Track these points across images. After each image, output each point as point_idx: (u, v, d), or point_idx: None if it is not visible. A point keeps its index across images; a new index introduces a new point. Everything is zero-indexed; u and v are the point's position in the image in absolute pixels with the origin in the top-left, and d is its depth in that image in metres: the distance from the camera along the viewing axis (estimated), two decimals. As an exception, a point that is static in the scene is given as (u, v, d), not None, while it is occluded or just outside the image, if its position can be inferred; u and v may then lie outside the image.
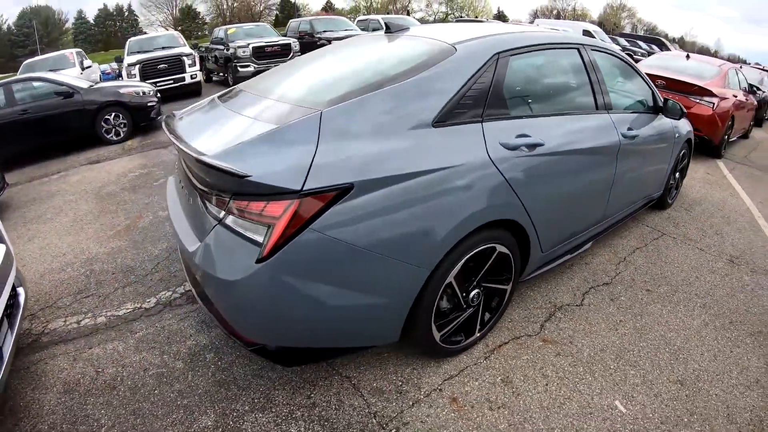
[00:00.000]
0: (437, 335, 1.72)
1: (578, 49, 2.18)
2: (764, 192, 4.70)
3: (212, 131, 1.61)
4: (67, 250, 2.94)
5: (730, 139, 6.13)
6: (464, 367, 1.88)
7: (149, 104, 6.16)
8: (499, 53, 1.74)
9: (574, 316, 2.29)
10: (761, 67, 12.62)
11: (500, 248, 1.76)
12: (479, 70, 1.64)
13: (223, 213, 1.36)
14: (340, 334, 1.51)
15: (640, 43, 16.92)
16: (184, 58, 8.64)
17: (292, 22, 12.45)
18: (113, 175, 4.52)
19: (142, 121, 6.17)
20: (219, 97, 2.06)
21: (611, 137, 2.27)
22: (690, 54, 6.37)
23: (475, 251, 1.65)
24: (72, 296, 2.40)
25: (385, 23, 2.18)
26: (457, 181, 1.49)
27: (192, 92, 9.15)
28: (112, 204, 3.72)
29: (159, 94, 6.54)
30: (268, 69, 10.15)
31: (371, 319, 1.51)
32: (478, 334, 1.97)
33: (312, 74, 2.06)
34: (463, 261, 1.61)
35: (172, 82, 8.52)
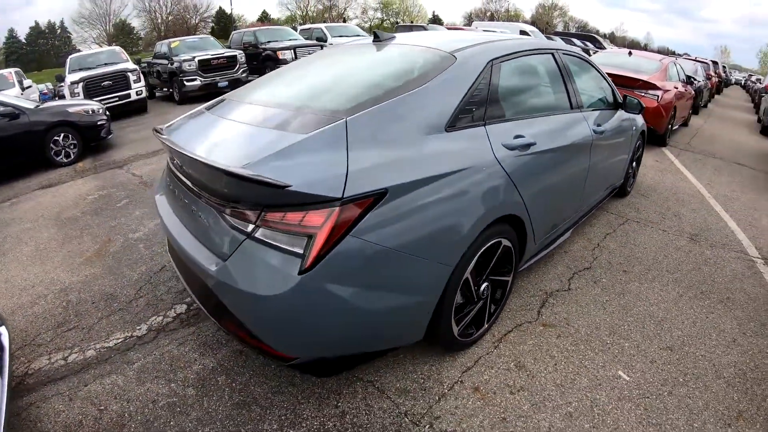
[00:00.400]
0: (455, 329, 1.82)
1: (552, 54, 2.41)
2: (709, 174, 5.29)
3: (223, 142, 1.61)
4: (35, 281, 2.74)
5: (673, 128, 6.84)
6: (478, 357, 1.99)
7: (99, 123, 5.87)
8: (492, 60, 1.90)
9: (565, 300, 2.49)
10: (693, 58, 14.05)
11: (504, 242, 1.91)
12: (479, 76, 1.78)
13: (251, 227, 1.35)
14: (374, 337, 1.55)
15: (575, 40, 17.23)
16: (129, 73, 8.39)
17: (235, 34, 12.38)
18: (70, 199, 4.25)
19: (92, 140, 5.87)
20: (209, 108, 2.05)
21: (585, 133, 2.52)
22: (632, 51, 7.07)
23: (486, 246, 1.77)
24: (52, 331, 2.25)
25: (374, 32, 2.27)
26: (472, 181, 1.62)
27: (138, 109, 8.82)
28: (75, 229, 3.51)
29: (108, 112, 6.26)
30: (214, 82, 9.95)
31: (402, 320, 1.58)
32: (486, 326, 2.09)
33: (315, 81, 2.09)
34: (477, 256, 1.73)
35: (117, 99, 8.20)
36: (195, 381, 1.88)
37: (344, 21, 40.75)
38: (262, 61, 10.43)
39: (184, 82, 9.06)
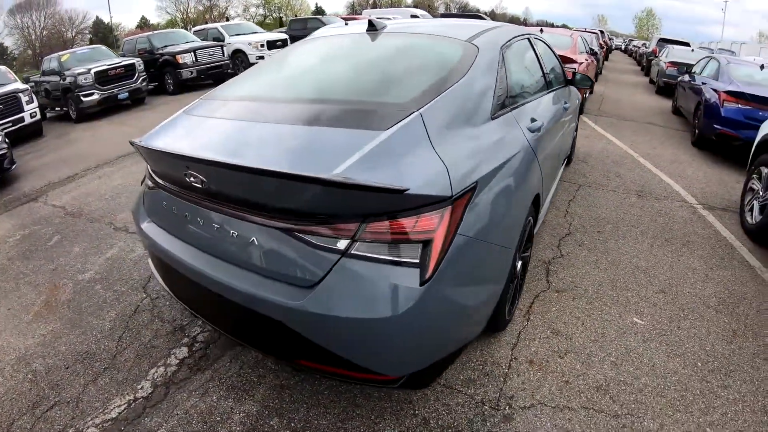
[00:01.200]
0: (506, 309, 2.00)
1: (528, 39, 2.69)
2: (630, 135, 6.23)
3: (264, 148, 1.46)
4: (-27, 358, 2.29)
5: (585, 97, 7.87)
6: (518, 333, 2.19)
7: (0, 154, 5.01)
8: (502, 47, 2.06)
9: (564, 265, 2.82)
10: (583, 29, 16.06)
11: (530, 220, 2.13)
12: (499, 63, 1.93)
13: (345, 243, 1.24)
14: (466, 335, 1.58)
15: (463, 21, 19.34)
16: (20, 94, 7.43)
17: (127, 42, 12.02)
18: (-16, 247, 3.56)
19: (-6, 174, 5.03)
20: (202, 113, 1.89)
21: (560, 109, 2.88)
22: (543, 28, 7.95)
23: (526, 226, 1.95)
24: (29, 414, 1.91)
25: (369, 21, 2.26)
26: (520, 165, 1.77)
27: (33, 133, 7.78)
28: (6, 281, 2.96)
29: (8, 140, 5.36)
30: (113, 95, 9.04)
31: (486, 312, 1.66)
32: (517, 302, 2.31)
33: (338, 73, 2.00)
34: (521, 236, 1.89)
35: (10, 124, 7.18)
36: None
37: (227, 20, 40.04)
38: (160, 67, 10.19)
39: (81, 98, 8.56)
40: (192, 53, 10.14)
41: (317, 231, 1.26)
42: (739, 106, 4.65)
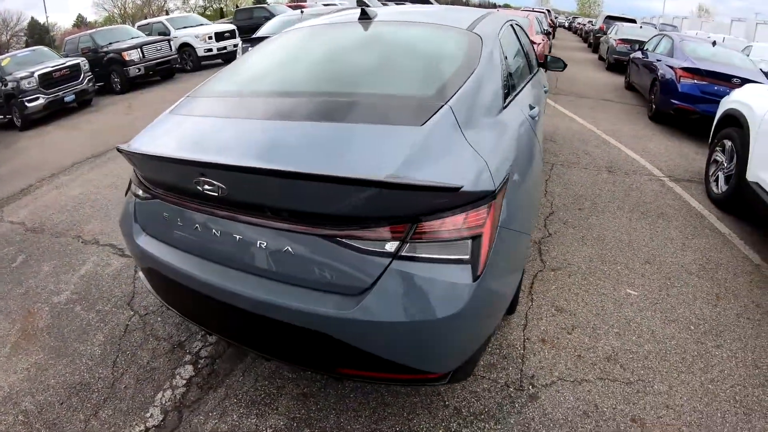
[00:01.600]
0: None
1: (511, 24, 2.72)
2: (590, 113, 6.51)
3: (296, 150, 1.36)
4: (-51, 404, 2.08)
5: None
6: (525, 314, 2.27)
7: None
8: (498, 35, 2.07)
9: (553, 244, 2.94)
10: (530, 9, 16.48)
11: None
12: (501, 52, 1.94)
13: (394, 245, 1.20)
14: (496, 323, 1.59)
15: (407, 4, 19.33)
16: None
17: (69, 41, 11.39)
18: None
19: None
20: (178, 112, 1.77)
21: (541, 92, 2.95)
22: (499, 8, 8.09)
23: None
24: None
25: (362, 9, 2.19)
26: (532, 151, 1.81)
27: None
28: None
29: None
30: (59, 98, 8.46)
31: (511, 297, 1.69)
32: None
33: (343, 64, 1.92)
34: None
35: None
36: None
37: (167, 13, 38.59)
38: (106, 66, 9.73)
39: (25, 103, 7.98)
40: (139, 49, 9.71)
41: (364, 235, 1.21)
42: (695, 81, 4.98)
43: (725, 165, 3.44)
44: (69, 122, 7.89)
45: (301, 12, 7.76)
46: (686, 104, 5.07)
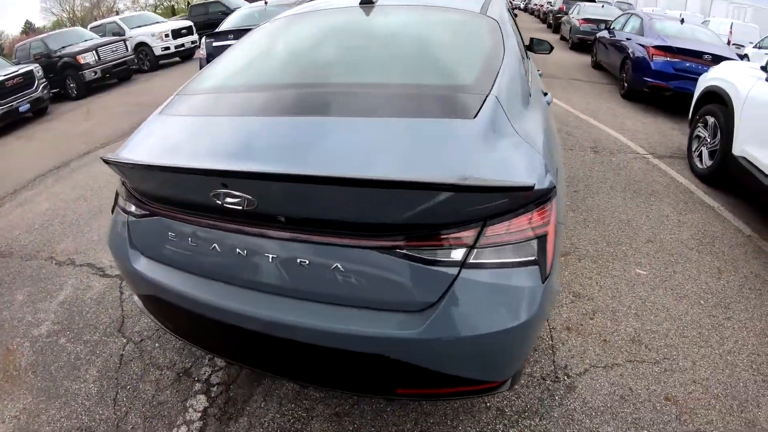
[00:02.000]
0: None
1: (506, 5, 2.71)
2: (563, 93, 6.64)
3: (342, 152, 1.21)
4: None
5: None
6: (545, 303, 2.33)
7: None
8: (508, 19, 2.02)
9: (557, 230, 3.01)
10: None
11: None
12: (516, 38, 1.89)
13: (461, 252, 1.11)
14: None
15: None
16: None
17: (20, 48, 10.85)
18: None
19: None
20: (169, 113, 1.61)
21: (537, 76, 2.97)
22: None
23: None
24: None
25: None
26: (558, 142, 1.78)
27: None
28: None
29: None
30: (14, 108, 7.91)
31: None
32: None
33: (361, 51, 1.79)
34: None
35: None
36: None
37: (117, 13, 36.91)
38: (60, 71, 9.28)
39: None
40: (94, 51, 9.28)
41: (428, 244, 1.10)
42: (668, 59, 5.16)
43: (708, 141, 3.60)
44: (26, 133, 7.35)
45: (266, 3, 7.49)
46: (660, 81, 5.26)
